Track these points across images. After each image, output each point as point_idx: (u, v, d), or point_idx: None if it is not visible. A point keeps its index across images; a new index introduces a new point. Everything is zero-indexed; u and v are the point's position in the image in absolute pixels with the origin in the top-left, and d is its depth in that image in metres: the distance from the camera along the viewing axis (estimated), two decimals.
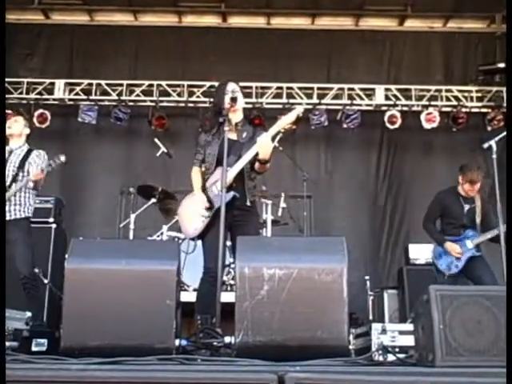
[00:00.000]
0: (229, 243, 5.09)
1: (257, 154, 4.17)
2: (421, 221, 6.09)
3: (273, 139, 4.37)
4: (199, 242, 4.35)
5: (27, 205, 5.26)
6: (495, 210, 5.27)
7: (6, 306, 4.66)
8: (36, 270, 5.36)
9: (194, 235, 4.29)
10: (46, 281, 6.15)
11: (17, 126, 5.37)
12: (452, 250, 5.65)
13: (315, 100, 8.76)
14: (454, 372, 2.51)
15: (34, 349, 4.59)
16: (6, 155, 5.27)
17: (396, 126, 8.71)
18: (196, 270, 4.32)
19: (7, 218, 5.12)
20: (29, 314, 4.94)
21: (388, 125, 8.71)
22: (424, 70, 8.81)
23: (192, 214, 4.29)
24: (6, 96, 8.65)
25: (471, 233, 5.68)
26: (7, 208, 5.14)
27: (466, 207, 5.76)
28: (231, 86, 4.38)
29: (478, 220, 5.71)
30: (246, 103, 4.57)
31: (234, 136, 4.31)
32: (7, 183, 5.17)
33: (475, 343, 2.80)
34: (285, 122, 4.32)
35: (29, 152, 5.34)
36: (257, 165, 4.25)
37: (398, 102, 8.77)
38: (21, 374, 2.17)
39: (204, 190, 4.28)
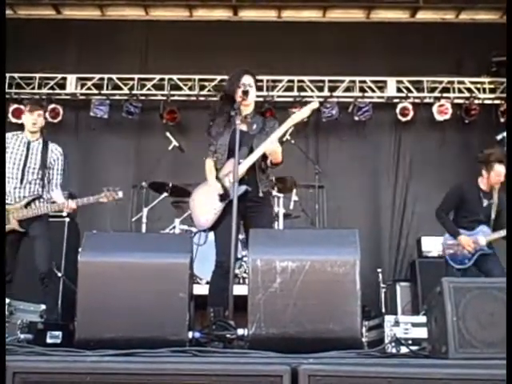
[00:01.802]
0: (241, 236, 5.11)
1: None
2: (433, 213, 6.05)
3: (285, 133, 4.37)
4: (210, 235, 4.36)
5: (46, 201, 5.29)
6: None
7: (21, 300, 4.72)
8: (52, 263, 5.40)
9: (205, 226, 4.28)
10: (59, 274, 6.20)
11: (40, 121, 5.34)
12: (465, 243, 5.59)
13: (326, 93, 8.75)
14: (467, 364, 2.51)
15: (48, 341, 4.64)
16: (24, 147, 5.25)
17: (408, 118, 8.69)
18: (208, 263, 4.32)
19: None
20: (43, 306, 4.99)
21: (400, 117, 8.69)
22: (436, 62, 8.74)
23: (204, 205, 4.29)
24: (19, 91, 8.73)
25: (485, 229, 5.61)
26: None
27: (485, 203, 5.66)
28: (245, 79, 4.35)
29: (493, 216, 5.64)
30: (257, 96, 4.55)
31: (244, 127, 4.29)
32: (35, 184, 5.21)
33: (488, 335, 2.79)
34: (298, 117, 4.31)
35: (46, 144, 5.34)
36: (269, 163, 4.27)
37: (409, 94, 8.76)
38: (36, 366, 2.19)
39: (218, 179, 4.29)
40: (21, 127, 5.51)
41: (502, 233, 5.50)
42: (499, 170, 5.56)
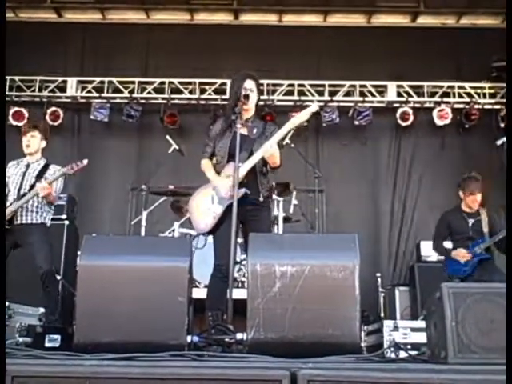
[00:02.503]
0: (240, 240, 5.10)
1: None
2: (433, 217, 6.09)
3: (284, 137, 4.38)
4: (210, 238, 4.36)
5: (44, 213, 5.29)
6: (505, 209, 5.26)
7: (19, 303, 4.72)
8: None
9: (205, 231, 4.28)
10: (58, 277, 6.19)
11: (35, 143, 5.36)
12: (458, 255, 5.66)
13: (327, 97, 8.75)
14: (466, 369, 2.50)
15: (47, 345, 4.62)
16: (23, 169, 5.31)
17: (408, 122, 8.70)
18: (207, 266, 4.32)
19: (24, 221, 5.17)
20: (42, 309, 4.98)
21: (400, 121, 8.70)
22: (436, 67, 8.75)
23: (203, 209, 4.27)
24: (19, 94, 8.74)
25: (480, 240, 5.67)
26: (24, 213, 5.18)
27: (471, 221, 5.77)
28: (247, 83, 4.34)
29: (485, 230, 5.71)
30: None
31: (244, 131, 4.29)
32: (25, 192, 5.21)
33: (488, 340, 2.78)
34: (298, 121, 4.32)
35: (46, 166, 5.36)
36: (268, 166, 4.28)
37: (410, 99, 8.75)
38: (34, 370, 2.19)
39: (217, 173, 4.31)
40: (20, 130, 5.54)
41: (496, 238, 5.56)
42: (473, 192, 5.74)
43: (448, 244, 5.92)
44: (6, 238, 4.96)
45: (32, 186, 5.20)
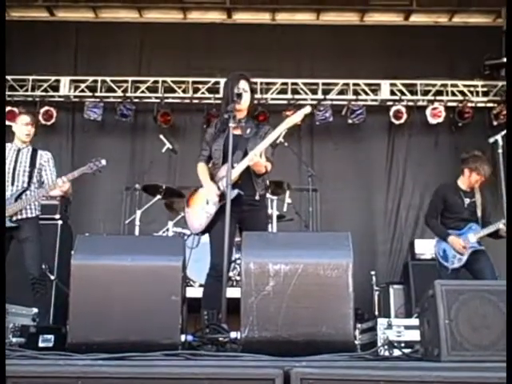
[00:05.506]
0: (237, 239, 5.11)
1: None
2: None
3: (277, 137, 4.38)
4: (204, 238, 4.37)
5: (37, 205, 5.29)
6: (499, 204, 5.28)
7: (13, 303, 4.70)
8: (43, 267, 5.38)
9: (199, 230, 4.31)
10: (52, 277, 6.18)
11: (33, 131, 5.42)
12: (455, 244, 5.61)
13: (320, 95, 8.75)
14: (459, 367, 2.51)
15: (40, 345, 4.61)
16: (14, 155, 5.30)
17: (401, 121, 8.70)
18: (202, 265, 4.33)
19: (19, 217, 5.15)
20: (35, 310, 4.96)
21: (393, 120, 8.70)
22: (429, 65, 8.77)
23: (197, 209, 4.31)
24: (12, 93, 8.70)
25: (474, 226, 5.64)
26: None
27: (467, 201, 5.71)
28: (240, 84, 4.36)
29: (479, 213, 5.68)
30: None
31: (238, 131, 4.30)
32: (24, 182, 5.22)
33: (481, 338, 2.79)
34: (291, 122, 4.33)
35: (35, 151, 5.37)
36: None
37: (403, 97, 8.75)
38: (27, 370, 2.18)
39: (212, 180, 4.30)
40: (12, 130, 5.52)
41: (492, 228, 5.54)
42: (482, 173, 5.65)
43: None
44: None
45: (30, 177, 5.20)
